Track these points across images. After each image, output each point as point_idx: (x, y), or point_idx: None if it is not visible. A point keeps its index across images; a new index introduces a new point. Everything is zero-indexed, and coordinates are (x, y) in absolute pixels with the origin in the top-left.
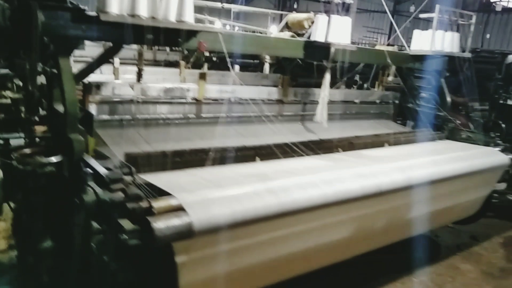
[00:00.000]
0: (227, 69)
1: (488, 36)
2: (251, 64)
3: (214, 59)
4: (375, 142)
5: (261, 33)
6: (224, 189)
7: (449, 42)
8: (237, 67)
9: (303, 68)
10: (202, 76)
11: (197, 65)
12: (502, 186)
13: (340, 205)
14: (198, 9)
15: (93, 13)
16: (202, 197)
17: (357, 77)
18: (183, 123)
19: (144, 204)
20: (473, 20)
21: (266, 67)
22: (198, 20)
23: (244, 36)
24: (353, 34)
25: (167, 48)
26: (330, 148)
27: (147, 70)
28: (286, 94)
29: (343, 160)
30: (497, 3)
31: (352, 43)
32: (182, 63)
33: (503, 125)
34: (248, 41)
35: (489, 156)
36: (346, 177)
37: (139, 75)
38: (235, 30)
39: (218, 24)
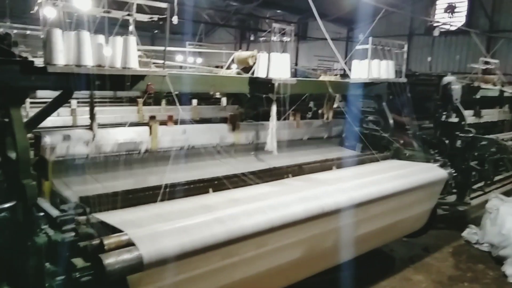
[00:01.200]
0: (187, 103)
1: (429, 59)
2: (209, 96)
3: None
4: (324, 166)
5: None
6: (173, 222)
7: (385, 69)
8: (194, 101)
9: (261, 98)
10: (153, 118)
11: (158, 100)
12: (452, 198)
13: (287, 228)
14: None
15: (41, 65)
16: (152, 231)
17: (311, 104)
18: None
19: (95, 242)
20: (405, 48)
21: (224, 99)
22: (144, 64)
23: (191, 76)
24: (310, 62)
25: None
26: (280, 175)
27: (106, 110)
28: (237, 129)
29: (290, 185)
30: (436, 28)
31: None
32: (140, 101)
33: (447, 141)
34: (195, 81)
35: (428, 172)
36: (291, 201)
37: (92, 119)
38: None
39: (179, 59)
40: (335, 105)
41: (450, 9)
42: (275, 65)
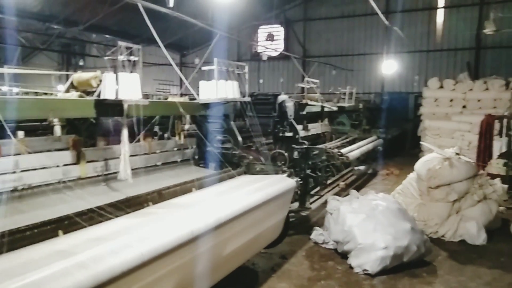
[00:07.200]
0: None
1: (261, 81)
2: (39, 127)
3: None
4: (183, 188)
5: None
6: (20, 278)
7: (231, 89)
8: (21, 133)
9: (100, 126)
10: None
11: None
12: (295, 205)
13: (160, 258)
14: None
15: None
16: None
17: (156, 128)
18: None
19: None
20: (246, 69)
21: (57, 129)
22: None
23: (23, 100)
24: (146, 87)
25: None
26: (140, 204)
27: None
28: (81, 156)
29: (154, 214)
30: (262, 53)
31: (146, 96)
32: None
33: (286, 154)
34: (30, 105)
35: (281, 182)
36: (159, 230)
37: None
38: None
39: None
40: (186, 127)
41: (270, 37)
42: (125, 85)
